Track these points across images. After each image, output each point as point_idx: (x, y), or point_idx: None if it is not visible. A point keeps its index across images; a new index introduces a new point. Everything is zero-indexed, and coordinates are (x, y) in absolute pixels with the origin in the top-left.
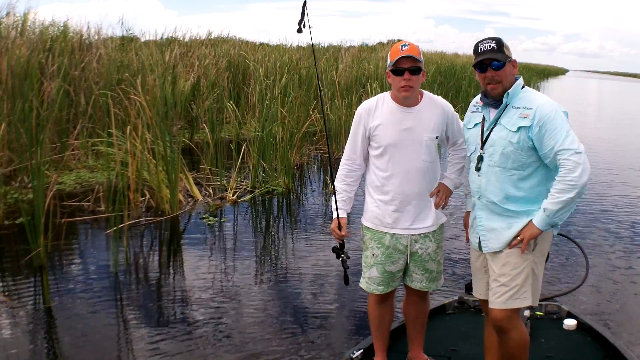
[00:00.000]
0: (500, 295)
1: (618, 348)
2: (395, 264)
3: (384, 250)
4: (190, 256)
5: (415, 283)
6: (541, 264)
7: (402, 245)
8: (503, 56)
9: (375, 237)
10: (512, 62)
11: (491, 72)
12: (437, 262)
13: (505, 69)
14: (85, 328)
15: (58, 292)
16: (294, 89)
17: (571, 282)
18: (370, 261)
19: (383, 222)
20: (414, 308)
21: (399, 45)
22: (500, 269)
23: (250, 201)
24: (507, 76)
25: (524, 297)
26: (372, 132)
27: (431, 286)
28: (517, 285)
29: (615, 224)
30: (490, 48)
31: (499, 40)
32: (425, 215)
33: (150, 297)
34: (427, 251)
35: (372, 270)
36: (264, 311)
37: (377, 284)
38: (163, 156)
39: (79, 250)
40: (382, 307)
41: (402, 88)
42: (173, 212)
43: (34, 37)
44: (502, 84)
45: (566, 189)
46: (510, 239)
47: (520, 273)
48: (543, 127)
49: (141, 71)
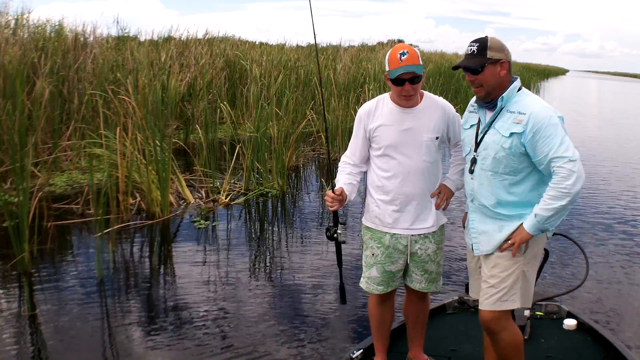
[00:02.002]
0: (488, 297)
1: (618, 348)
2: (395, 263)
3: (383, 250)
4: (179, 261)
5: (414, 284)
6: (533, 266)
7: (402, 245)
8: (479, 61)
9: (375, 237)
10: (499, 63)
11: (469, 77)
12: (437, 264)
13: (484, 72)
14: (70, 336)
15: (43, 299)
16: (291, 89)
17: (571, 282)
18: (370, 261)
19: (383, 222)
20: (414, 308)
21: (397, 53)
22: (490, 270)
23: (243, 204)
24: (489, 79)
25: (512, 300)
26: (373, 134)
27: (430, 287)
28: (505, 287)
29: (616, 223)
30: (470, 52)
31: (483, 42)
32: (425, 216)
33: (137, 305)
34: (427, 252)
35: (372, 270)
36: (259, 315)
37: (377, 284)
38: (153, 157)
39: (65, 255)
40: (382, 307)
41: (403, 97)
42: (164, 215)
43: (26, 36)
44: (484, 87)
45: (559, 196)
46: (501, 242)
47: (510, 275)
48: (537, 134)
49: (134, 71)
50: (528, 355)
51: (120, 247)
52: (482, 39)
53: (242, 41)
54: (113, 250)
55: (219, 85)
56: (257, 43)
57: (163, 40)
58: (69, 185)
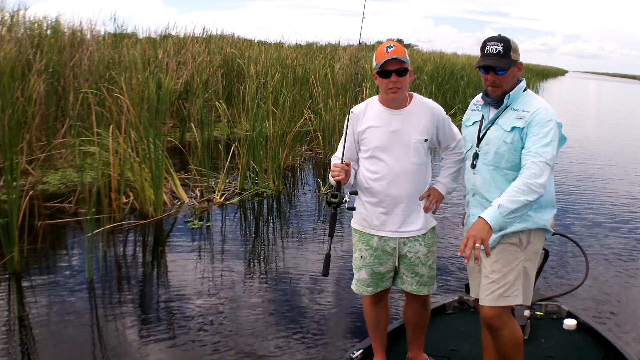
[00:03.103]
0: (490, 293)
1: (618, 348)
2: (384, 264)
3: (372, 252)
4: (172, 263)
5: (405, 285)
6: (534, 263)
7: (390, 248)
8: (508, 62)
9: (363, 239)
10: (517, 65)
11: (494, 77)
12: (429, 267)
13: (508, 74)
14: (59, 338)
15: (32, 300)
16: (288, 88)
17: (571, 282)
18: (358, 263)
19: (371, 224)
20: (414, 313)
21: (384, 47)
22: (491, 265)
23: (238, 204)
24: (510, 80)
25: (514, 295)
26: (361, 136)
27: (422, 290)
28: (507, 283)
29: (616, 223)
30: (497, 52)
31: (507, 43)
32: (414, 219)
33: (127, 306)
34: (417, 255)
35: (361, 272)
36: (256, 317)
37: (367, 285)
38: (147, 155)
39: (56, 256)
40: (377, 308)
41: (390, 90)
42: (157, 214)
43: (21, 34)
44: (502, 87)
45: (526, 191)
46: (498, 238)
47: (512, 270)
48: (532, 126)
49: (128, 68)
50: (528, 355)
51: (112, 247)
52: (505, 39)
53: (240, 39)
54: (104, 251)
55: (215, 84)
56: (255, 41)
57: (161, 38)
58: (63, 183)
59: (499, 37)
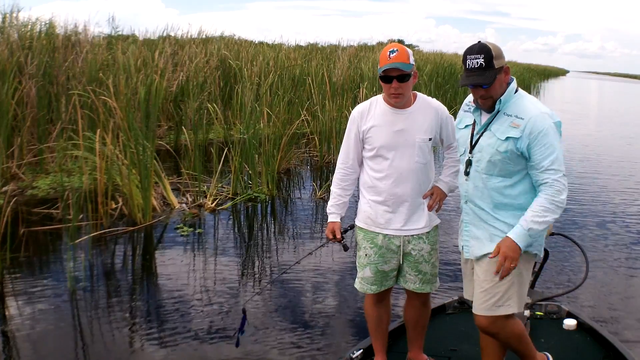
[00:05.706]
0: (483, 302)
1: (618, 348)
2: (389, 263)
3: (376, 250)
4: (157, 272)
5: (408, 284)
6: (527, 269)
7: (395, 246)
8: (492, 74)
9: (368, 237)
10: (504, 70)
11: (480, 91)
12: (432, 265)
13: (495, 84)
14: (38, 350)
15: (15, 312)
16: (284, 89)
17: (571, 282)
18: (363, 261)
19: (375, 223)
20: (414, 312)
21: (387, 51)
22: (483, 274)
23: (230, 209)
24: (498, 89)
25: (507, 305)
26: (366, 135)
27: (425, 288)
28: (499, 292)
29: (615, 223)
30: (478, 66)
31: (487, 53)
32: (418, 217)
33: (113, 317)
34: (421, 253)
35: (365, 270)
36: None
37: (371, 284)
38: (135, 159)
39: (39, 264)
40: (378, 307)
41: (392, 95)
42: (146, 220)
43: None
44: (492, 98)
45: (553, 209)
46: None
47: (505, 279)
48: (534, 140)
49: (120, 71)
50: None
51: (97, 255)
52: (485, 48)
53: (238, 40)
54: (89, 259)
55: (212, 85)
56: (255, 42)
57: (161, 40)
58: (53, 188)
59: (478, 47)
